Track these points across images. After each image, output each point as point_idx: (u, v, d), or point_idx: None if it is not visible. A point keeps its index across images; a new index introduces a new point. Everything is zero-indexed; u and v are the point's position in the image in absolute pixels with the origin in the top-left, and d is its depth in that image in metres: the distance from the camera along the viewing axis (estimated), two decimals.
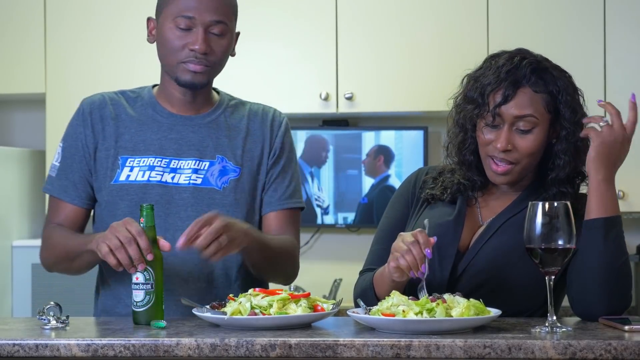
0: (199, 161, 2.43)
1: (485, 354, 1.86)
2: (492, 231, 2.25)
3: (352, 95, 4.14)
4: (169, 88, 2.46)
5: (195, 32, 2.36)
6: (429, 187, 2.35)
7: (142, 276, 2.15)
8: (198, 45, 2.35)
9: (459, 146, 2.30)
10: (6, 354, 1.94)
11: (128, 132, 2.45)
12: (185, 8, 2.36)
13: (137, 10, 4.23)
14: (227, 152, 2.45)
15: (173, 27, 2.38)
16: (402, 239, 2.10)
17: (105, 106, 2.48)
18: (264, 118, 2.51)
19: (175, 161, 2.43)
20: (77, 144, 2.47)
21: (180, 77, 2.39)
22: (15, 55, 4.28)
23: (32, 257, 4.11)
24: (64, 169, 2.48)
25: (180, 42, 2.37)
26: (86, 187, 2.45)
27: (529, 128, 2.20)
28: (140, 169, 2.42)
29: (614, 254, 2.12)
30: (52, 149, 4.24)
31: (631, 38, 4.06)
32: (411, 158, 4.30)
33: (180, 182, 2.42)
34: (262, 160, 2.48)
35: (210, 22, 2.37)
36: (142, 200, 2.37)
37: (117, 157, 2.44)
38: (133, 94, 2.52)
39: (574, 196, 2.23)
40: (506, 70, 2.21)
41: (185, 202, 2.41)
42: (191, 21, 2.36)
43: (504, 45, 2.37)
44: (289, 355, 1.90)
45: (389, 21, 4.16)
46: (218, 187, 2.42)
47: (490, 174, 2.25)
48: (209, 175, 2.43)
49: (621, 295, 2.13)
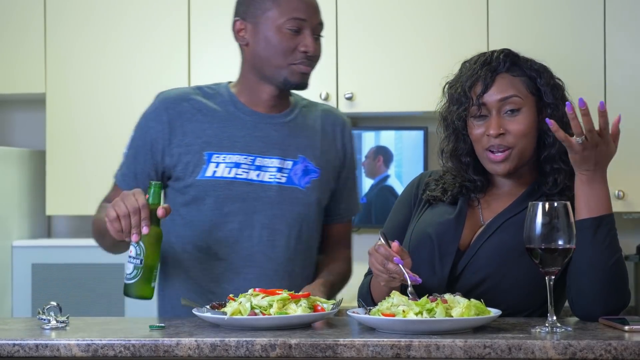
0: (283, 160, 2.47)
1: (485, 354, 1.86)
2: (492, 230, 2.26)
3: (352, 95, 4.14)
4: (256, 88, 2.48)
5: (305, 34, 2.40)
6: (430, 189, 2.36)
7: (134, 250, 2.18)
8: (310, 47, 2.40)
9: (452, 152, 2.32)
10: (6, 354, 1.94)
11: (211, 127, 2.47)
12: (296, 10, 2.40)
13: (137, 10, 4.24)
14: (307, 152, 2.50)
15: (282, 29, 2.41)
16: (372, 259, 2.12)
17: (183, 101, 2.49)
18: (336, 121, 2.56)
19: (260, 159, 2.46)
20: (145, 138, 2.49)
21: (289, 78, 2.43)
22: (15, 55, 4.28)
23: (32, 257, 4.12)
24: (129, 158, 2.53)
25: (292, 44, 2.40)
26: (146, 180, 2.45)
27: (516, 108, 2.23)
28: (227, 165, 2.44)
29: (604, 254, 2.12)
30: (52, 149, 4.25)
31: (631, 38, 4.06)
32: (411, 158, 4.30)
33: (265, 180, 2.45)
34: (337, 163, 2.55)
35: (317, 25, 2.43)
36: (229, 197, 2.42)
37: (202, 152, 2.45)
38: (211, 90, 2.54)
39: (569, 174, 2.23)
40: (480, 63, 2.27)
41: (271, 200, 2.44)
42: (302, 23, 2.40)
43: (504, 45, 2.37)
44: (289, 355, 1.90)
45: (389, 21, 4.16)
46: (301, 187, 2.47)
47: (490, 166, 2.26)
48: (292, 175, 2.47)
49: (617, 295, 2.13)
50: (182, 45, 4.20)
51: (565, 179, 2.24)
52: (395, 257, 2.08)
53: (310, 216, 2.47)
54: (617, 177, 2.20)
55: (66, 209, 4.29)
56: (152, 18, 4.23)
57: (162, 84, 4.17)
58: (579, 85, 2.30)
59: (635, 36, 4.06)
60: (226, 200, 2.40)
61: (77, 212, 4.31)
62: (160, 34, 4.22)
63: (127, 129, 4.18)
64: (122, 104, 4.22)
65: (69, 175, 4.23)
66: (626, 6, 4.06)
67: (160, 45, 4.21)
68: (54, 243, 4.21)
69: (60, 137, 4.24)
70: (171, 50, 4.21)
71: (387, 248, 2.10)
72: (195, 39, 4.20)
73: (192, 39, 4.20)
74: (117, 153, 4.19)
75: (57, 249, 4.14)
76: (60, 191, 4.24)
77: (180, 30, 4.21)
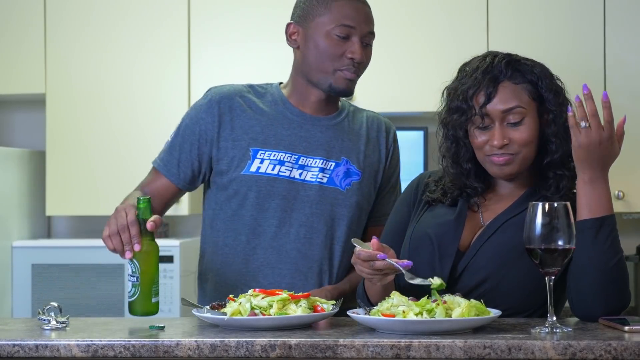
0: (326, 161, 2.51)
1: (485, 355, 1.86)
2: (492, 230, 2.25)
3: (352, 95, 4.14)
4: (304, 91, 2.54)
5: (353, 41, 2.45)
6: (429, 191, 2.36)
7: (130, 268, 2.18)
8: (357, 54, 2.44)
9: (454, 158, 2.31)
10: (6, 355, 1.94)
11: (259, 124, 2.52)
12: (346, 17, 2.45)
13: (137, 10, 4.24)
14: (351, 155, 2.54)
15: (331, 35, 2.45)
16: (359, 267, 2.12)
17: (234, 97, 2.54)
18: (380, 127, 2.62)
19: (303, 158, 2.51)
20: (194, 128, 2.53)
21: (334, 84, 2.48)
22: (15, 55, 4.28)
23: (32, 257, 4.12)
24: (174, 145, 2.55)
25: (339, 50, 2.45)
26: (188, 170, 2.53)
27: (519, 119, 2.22)
28: (271, 162, 2.48)
29: (606, 254, 2.12)
30: (52, 149, 4.24)
31: (631, 38, 4.06)
32: (411, 158, 4.30)
33: (307, 179, 2.50)
34: (379, 168, 2.59)
35: (367, 33, 2.48)
36: (270, 193, 2.47)
37: (248, 148, 2.50)
38: (261, 89, 2.59)
39: (571, 179, 2.23)
40: (482, 71, 2.24)
41: (310, 199, 2.49)
42: (350, 30, 2.44)
43: (504, 45, 2.37)
44: (288, 355, 1.90)
45: (389, 21, 4.16)
46: (342, 188, 2.51)
47: (493, 169, 2.26)
48: (334, 176, 2.51)
49: (618, 296, 2.12)
50: (182, 45, 4.20)
51: (568, 184, 2.24)
52: (378, 254, 2.08)
53: (350, 217, 2.52)
54: (617, 177, 2.20)
55: (66, 209, 4.29)
56: (152, 18, 4.22)
57: (162, 84, 4.20)
58: (579, 85, 2.29)
59: (635, 36, 4.06)
60: (267, 196, 2.47)
61: (77, 213, 4.31)
62: (160, 34, 4.22)
63: (127, 129, 4.22)
64: (122, 104, 4.22)
65: (69, 175, 4.23)
66: (626, 6, 4.06)
67: (160, 45, 4.21)
68: (54, 243, 4.21)
69: (60, 137, 4.24)
70: (171, 50, 4.20)
71: (367, 250, 2.09)
72: (195, 39, 4.20)
73: (192, 39, 4.20)
74: (117, 153, 4.23)
75: (57, 249, 4.14)
76: (60, 191, 4.24)
77: (180, 30, 4.21)
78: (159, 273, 2.21)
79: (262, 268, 2.49)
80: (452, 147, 2.31)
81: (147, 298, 2.17)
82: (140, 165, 2.60)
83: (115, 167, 4.20)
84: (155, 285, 2.18)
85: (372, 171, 2.58)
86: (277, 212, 2.48)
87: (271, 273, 2.48)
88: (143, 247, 2.18)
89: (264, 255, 2.49)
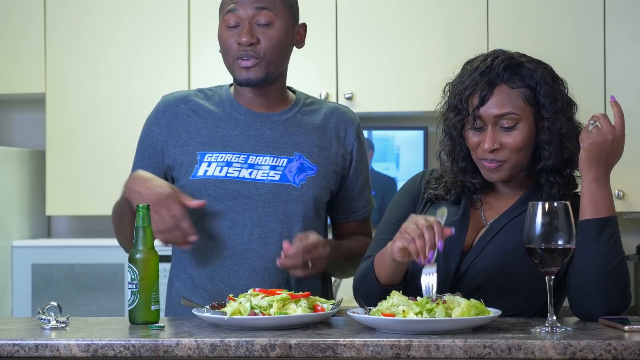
0: (277, 158, 2.46)
1: (485, 354, 1.86)
2: (494, 231, 2.25)
3: (352, 95, 4.14)
4: (239, 88, 2.50)
5: (241, 26, 2.39)
6: (432, 188, 2.35)
7: (129, 276, 2.17)
8: (242, 37, 2.37)
9: (450, 154, 2.32)
10: (6, 354, 1.94)
11: (205, 127, 2.48)
12: (228, 3, 2.40)
13: (137, 10, 4.24)
14: (304, 150, 2.48)
15: (224, 27, 2.42)
16: (414, 221, 2.08)
17: (180, 103, 2.51)
18: (340, 119, 2.53)
19: (252, 157, 2.46)
20: (148, 142, 2.53)
21: (236, 76, 2.43)
22: (15, 55, 4.28)
23: (32, 257, 4.12)
24: (136, 163, 2.54)
25: (231, 40, 2.40)
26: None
27: (512, 124, 2.21)
28: (218, 164, 2.45)
29: (608, 255, 2.12)
30: (52, 149, 4.24)
31: (631, 38, 4.06)
32: (411, 158, 4.30)
33: (257, 177, 2.45)
34: (340, 160, 2.52)
35: (253, 12, 2.38)
36: (220, 196, 2.43)
37: (195, 152, 2.47)
38: (210, 92, 2.55)
39: (564, 186, 2.23)
40: (480, 72, 2.23)
41: (262, 197, 2.44)
42: (236, 15, 2.39)
43: (504, 45, 2.37)
44: (288, 355, 1.90)
45: (389, 21, 4.16)
46: (296, 184, 2.46)
47: (485, 173, 2.26)
48: (287, 172, 2.46)
49: (618, 296, 2.12)
50: (182, 45, 4.20)
51: (560, 191, 2.23)
52: (441, 241, 2.06)
53: (307, 213, 2.46)
54: (617, 177, 2.20)
55: (66, 209, 4.29)
56: (152, 18, 4.22)
57: (162, 84, 4.19)
58: (579, 85, 2.29)
59: (635, 36, 4.06)
60: (217, 199, 2.42)
61: (77, 212, 4.31)
62: (160, 34, 4.22)
63: (127, 129, 4.22)
64: (122, 104, 4.22)
65: (69, 175, 4.23)
66: (626, 6, 4.06)
67: (160, 45, 4.21)
68: (54, 243, 4.21)
69: (60, 137, 4.24)
70: (171, 50, 4.21)
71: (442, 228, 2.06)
72: (195, 39, 4.20)
73: (192, 39, 4.20)
74: (117, 153, 4.22)
75: (57, 249, 4.14)
76: (60, 191, 4.24)
77: (180, 30, 4.21)
78: (158, 281, 2.20)
79: (219, 271, 2.44)
80: (449, 144, 2.31)
81: (146, 306, 2.15)
82: None
83: (115, 166, 4.20)
84: (155, 293, 2.17)
85: (331, 164, 2.50)
86: (228, 213, 2.43)
87: (227, 276, 2.44)
88: (142, 254, 2.17)
89: (220, 259, 2.44)
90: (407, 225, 2.09)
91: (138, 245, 2.17)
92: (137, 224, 2.19)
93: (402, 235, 2.08)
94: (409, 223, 2.09)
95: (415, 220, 2.08)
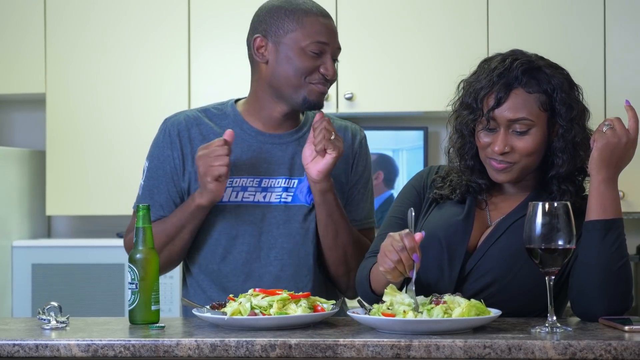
0: (289, 179, 2.49)
1: (485, 354, 1.86)
2: (500, 232, 2.24)
3: (352, 95, 4.14)
4: (268, 106, 2.49)
5: (326, 58, 2.44)
6: (437, 187, 2.35)
7: (129, 275, 2.17)
8: (330, 71, 2.44)
9: (459, 151, 2.31)
10: (6, 354, 1.94)
11: None
12: (319, 34, 2.43)
13: (137, 10, 4.24)
14: None
15: (306, 51, 2.43)
16: (390, 241, 2.08)
17: (191, 127, 2.51)
18: (346, 135, 2.56)
19: (266, 180, 2.48)
20: (164, 167, 2.50)
21: (308, 97, 2.45)
22: (15, 55, 4.28)
23: (32, 257, 4.12)
24: (150, 189, 2.51)
25: (313, 65, 2.43)
26: (172, 208, 2.48)
27: (525, 129, 2.19)
28: (234, 189, 2.46)
29: (612, 256, 2.12)
30: (52, 149, 4.25)
31: (631, 38, 4.06)
32: (411, 158, 4.30)
33: (271, 200, 2.47)
34: (346, 177, 2.54)
35: (336, 49, 2.47)
36: (238, 221, 2.45)
37: None
38: (217, 111, 2.54)
39: (575, 194, 2.22)
40: (498, 73, 2.21)
41: (277, 220, 2.47)
42: (324, 47, 2.43)
43: (504, 45, 2.36)
44: (289, 355, 1.90)
45: (389, 21, 4.16)
46: (307, 203, 2.48)
47: (492, 173, 2.25)
48: (298, 193, 2.49)
49: (620, 298, 2.12)
50: (182, 45, 4.20)
51: (572, 198, 2.20)
52: (415, 254, 2.05)
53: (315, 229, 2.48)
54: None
55: (66, 209, 4.29)
56: (152, 18, 4.23)
57: (162, 84, 4.20)
58: (578, 84, 2.29)
59: (635, 36, 4.06)
60: (234, 223, 2.44)
61: (77, 212, 4.32)
62: (160, 34, 4.22)
63: (127, 129, 4.22)
64: (122, 104, 4.22)
65: (69, 175, 4.23)
66: (626, 6, 4.06)
67: (160, 45, 4.21)
68: (54, 243, 4.21)
69: (60, 137, 4.24)
70: (171, 50, 4.21)
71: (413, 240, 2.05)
72: (195, 39, 4.20)
73: (192, 39, 4.20)
74: (117, 153, 4.23)
75: (57, 249, 4.14)
76: (60, 191, 4.24)
77: (180, 30, 4.21)
78: (158, 281, 2.19)
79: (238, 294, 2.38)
80: (458, 141, 2.30)
81: (146, 306, 2.15)
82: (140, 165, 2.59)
83: (115, 167, 4.20)
84: (155, 293, 2.17)
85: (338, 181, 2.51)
86: (246, 238, 2.45)
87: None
88: (142, 254, 2.17)
89: (238, 282, 2.45)
90: (385, 245, 2.09)
91: (138, 245, 2.18)
92: (137, 224, 2.19)
93: (382, 258, 2.08)
94: (386, 242, 2.09)
95: (391, 241, 2.08)
